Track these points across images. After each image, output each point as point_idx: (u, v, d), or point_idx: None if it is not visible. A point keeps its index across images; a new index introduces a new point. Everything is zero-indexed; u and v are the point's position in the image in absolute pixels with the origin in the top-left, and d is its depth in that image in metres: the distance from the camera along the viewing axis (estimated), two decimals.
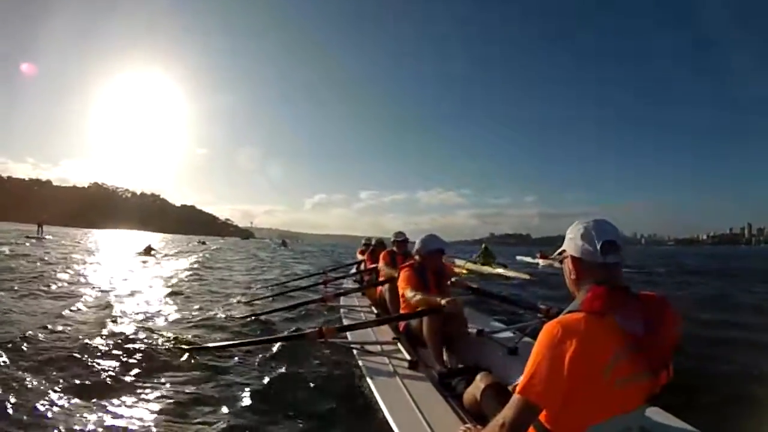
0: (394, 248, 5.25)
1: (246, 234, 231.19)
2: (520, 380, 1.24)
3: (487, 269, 15.22)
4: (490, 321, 4.10)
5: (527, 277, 13.71)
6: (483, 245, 17.19)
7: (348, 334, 3.34)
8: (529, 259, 23.60)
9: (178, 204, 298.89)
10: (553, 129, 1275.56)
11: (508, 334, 3.47)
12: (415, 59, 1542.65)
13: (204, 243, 46.67)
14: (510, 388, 1.87)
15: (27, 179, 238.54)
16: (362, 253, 7.98)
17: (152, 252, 19.95)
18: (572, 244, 1.37)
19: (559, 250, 1.44)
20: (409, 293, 3.21)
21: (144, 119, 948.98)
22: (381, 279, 4.86)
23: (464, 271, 14.26)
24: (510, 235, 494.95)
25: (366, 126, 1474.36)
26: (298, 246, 63.24)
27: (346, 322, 4.21)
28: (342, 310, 4.96)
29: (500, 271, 14.91)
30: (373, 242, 7.11)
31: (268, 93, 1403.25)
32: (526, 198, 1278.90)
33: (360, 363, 2.90)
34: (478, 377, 2.03)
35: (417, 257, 3.45)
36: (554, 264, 19.05)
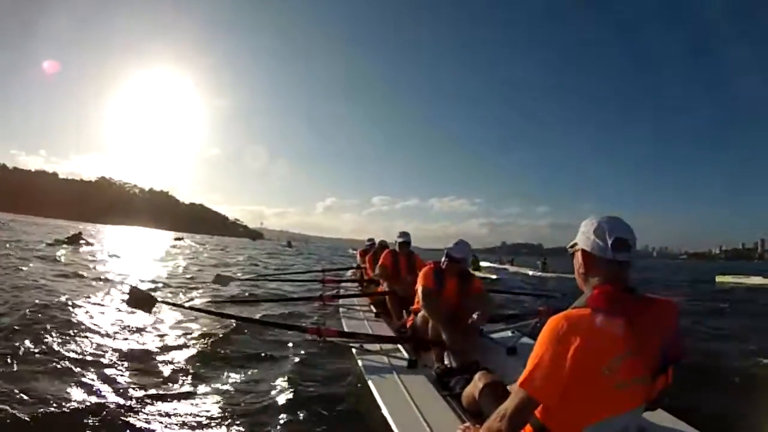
0: (397, 249, 5.12)
1: (255, 234, 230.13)
2: (522, 373, 1.24)
3: (476, 274, 16.73)
4: (489, 320, 4.05)
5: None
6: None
7: (347, 332, 3.35)
8: (489, 264, 27.20)
9: (187, 202, 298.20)
10: (563, 139, 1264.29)
11: (507, 333, 3.50)
12: (433, 67, 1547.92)
13: (181, 239, 43.18)
14: (509, 387, 1.87)
15: (33, 170, 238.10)
16: (364, 253, 7.77)
17: (80, 241, 16.89)
18: (584, 238, 1.36)
19: (572, 243, 1.42)
20: (420, 293, 3.25)
21: (158, 117, 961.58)
22: (381, 290, 4.86)
23: None
24: (522, 245, 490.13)
25: (382, 131, 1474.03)
26: (305, 247, 63.29)
27: (344, 321, 4.29)
28: (341, 310, 4.91)
29: (486, 274, 17.79)
30: (376, 244, 7.00)
31: (284, 95, 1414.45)
32: (538, 208, 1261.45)
33: (359, 362, 2.90)
34: (477, 376, 2.04)
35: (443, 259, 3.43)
36: (509, 268, 24.58)
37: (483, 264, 27.15)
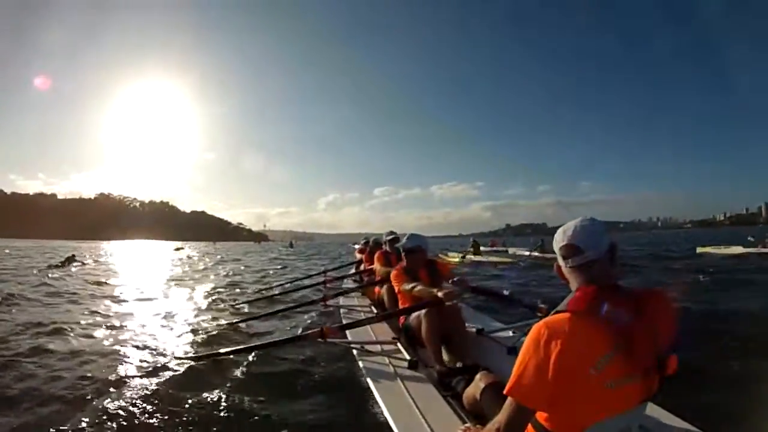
0: (387, 248, 5.11)
1: (259, 237, 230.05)
2: (509, 381, 1.23)
3: (477, 258, 18.12)
4: (490, 320, 4.03)
5: (512, 260, 16.29)
6: (472, 239, 21.10)
7: (348, 334, 3.30)
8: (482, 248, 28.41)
9: (188, 210, 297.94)
10: (561, 120, 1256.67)
11: (507, 333, 3.48)
12: (428, 56, 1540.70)
13: (180, 249, 42.89)
14: None
15: (31, 194, 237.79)
16: (361, 252, 7.84)
17: (74, 263, 15.99)
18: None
19: None
20: (405, 285, 3.18)
21: (152, 128, 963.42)
22: (378, 279, 4.87)
23: (456, 260, 17.51)
24: (526, 225, 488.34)
25: (378, 123, 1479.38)
26: (307, 246, 64.45)
27: (345, 321, 4.10)
28: (342, 311, 4.90)
29: (489, 258, 17.76)
30: (370, 242, 7.00)
31: (277, 94, 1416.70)
32: (540, 187, 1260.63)
33: (360, 363, 2.88)
34: (478, 376, 2.03)
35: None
36: (508, 251, 23.52)
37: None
